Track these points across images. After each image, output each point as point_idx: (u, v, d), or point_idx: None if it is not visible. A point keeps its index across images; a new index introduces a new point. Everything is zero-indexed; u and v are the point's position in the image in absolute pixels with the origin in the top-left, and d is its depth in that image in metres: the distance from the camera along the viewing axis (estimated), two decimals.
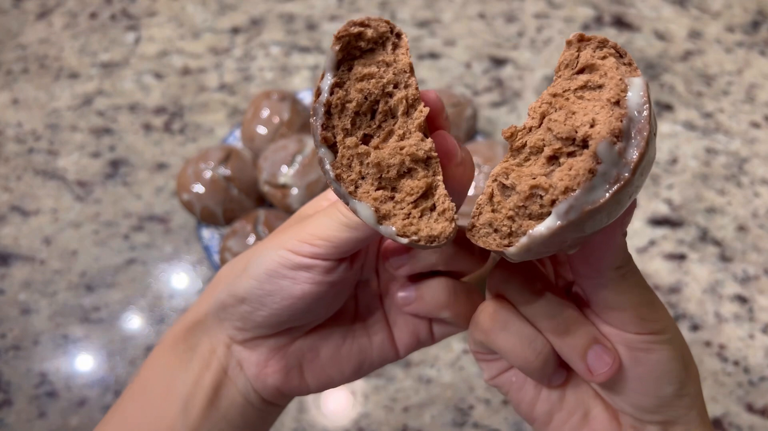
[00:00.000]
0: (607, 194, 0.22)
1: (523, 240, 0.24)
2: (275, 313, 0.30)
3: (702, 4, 0.94)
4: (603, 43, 0.24)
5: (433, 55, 0.89)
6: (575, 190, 0.22)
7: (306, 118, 0.75)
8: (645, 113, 0.22)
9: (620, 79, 0.23)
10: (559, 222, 0.23)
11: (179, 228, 0.72)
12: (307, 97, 0.79)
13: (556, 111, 0.24)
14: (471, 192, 0.66)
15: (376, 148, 0.25)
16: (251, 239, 0.63)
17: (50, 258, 0.70)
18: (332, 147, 0.25)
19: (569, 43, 0.25)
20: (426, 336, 0.34)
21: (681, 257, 0.67)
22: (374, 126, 0.26)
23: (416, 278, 0.33)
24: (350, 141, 0.25)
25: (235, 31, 0.93)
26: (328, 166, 0.25)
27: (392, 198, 0.25)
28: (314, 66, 0.88)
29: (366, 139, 0.26)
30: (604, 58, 0.24)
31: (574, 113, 0.23)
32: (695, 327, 0.62)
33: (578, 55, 0.25)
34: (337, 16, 0.94)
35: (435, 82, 0.85)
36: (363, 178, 0.25)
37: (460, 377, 0.60)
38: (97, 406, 0.59)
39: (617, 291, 0.27)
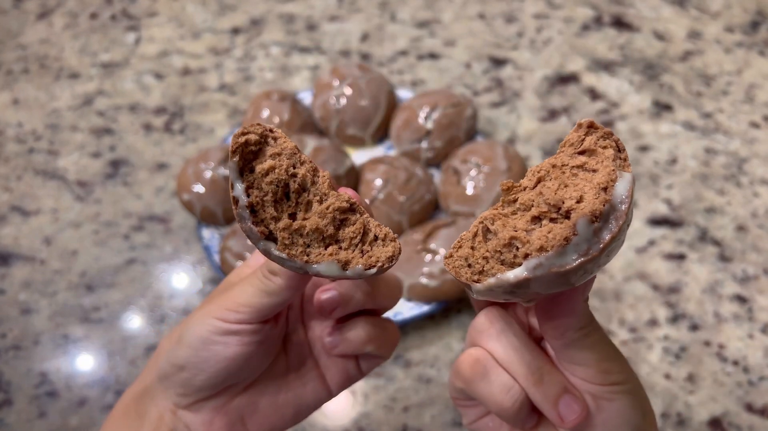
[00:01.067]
0: (575, 262, 0.25)
1: (491, 280, 0.27)
2: (212, 375, 0.33)
3: (701, 5, 0.94)
4: (607, 135, 0.28)
5: (433, 56, 0.89)
6: (548, 250, 0.25)
7: (306, 118, 0.75)
8: (625, 206, 0.25)
9: (613, 170, 0.26)
10: (526, 273, 0.25)
11: (179, 228, 0.72)
12: (307, 98, 0.79)
13: (551, 180, 0.27)
14: (470, 191, 0.66)
15: (304, 219, 0.29)
16: None
17: (50, 258, 0.70)
18: (269, 236, 0.29)
19: (579, 126, 0.28)
20: (355, 372, 0.38)
21: (680, 257, 0.67)
22: (293, 204, 0.30)
23: (340, 322, 0.37)
24: (282, 224, 0.29)
25: (235, 31, 0.93)
26: (276, 252, 0.29)
27: (341, 248, 0.29)
28: (314, 66, 0.88)
29: (292, 217, 0.30)
30: (605, 147, 0.27)
31: (566, 186, 0.27)
32: (695, 327, 0.62)
33: (583, 139, 0.28)
34: (337, 17, 0.94)
35: (435, 83, 0.85)
36: (309, 245, 0.29)
37: None
38: (97, 406, 0.60)
39: (580, 348, 0.30)
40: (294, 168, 0.30)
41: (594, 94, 0.83)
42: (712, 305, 0.64)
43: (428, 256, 0.62)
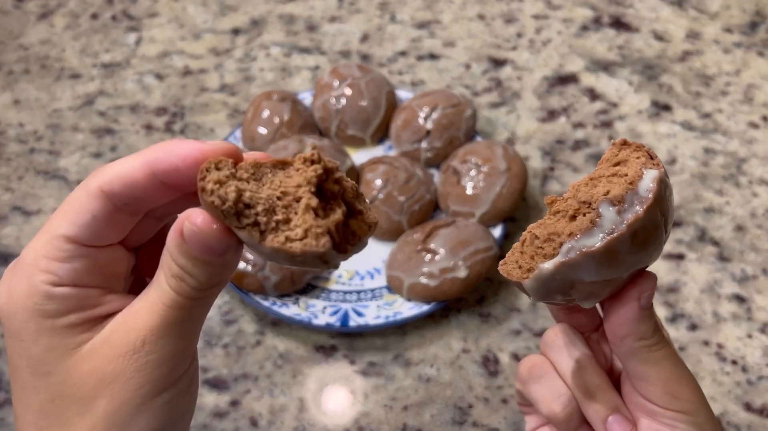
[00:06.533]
0: (603, 241, 0.27)
1: (535, 273, 0.28)
2: None
3: (700, 5, 0.95)
4: (639, 148, 0.30)
5: (433, 56, 0.89)
6: (577, 235, 0.28)
7: (306, 118, 0.75)
8: (651, 194, 0.27)
9: (640, 169, 0.28)
10: (561, 259, 0.28)
11: None
12: (307, 98, 0.79)
13: (586, 186, 0.30)
14: (470, 191, 0.67)
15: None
16: None
17: None
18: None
19: (614, 144, 0.31)
20: None
21: (679, 257, 0.68)
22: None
23: None
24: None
25: (236, 32, 0.93)
26: None
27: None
28: (314, 67, 0.88)
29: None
30: (638, 158, 0.30)
31: (597, 186, 0.29)
32: (693, 327, 0.63)
33: (618, 154, 0.30)
34: (337, 17, 0.94)
35: (434, 83, 0.86)
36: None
37: (459, 376, 0.60)
38: None
39: (642, 361, 0.30)
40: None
41: (593, 95, 0.83)
42: (710, 305, 0.64)
43: (428, 256, 0.62)
